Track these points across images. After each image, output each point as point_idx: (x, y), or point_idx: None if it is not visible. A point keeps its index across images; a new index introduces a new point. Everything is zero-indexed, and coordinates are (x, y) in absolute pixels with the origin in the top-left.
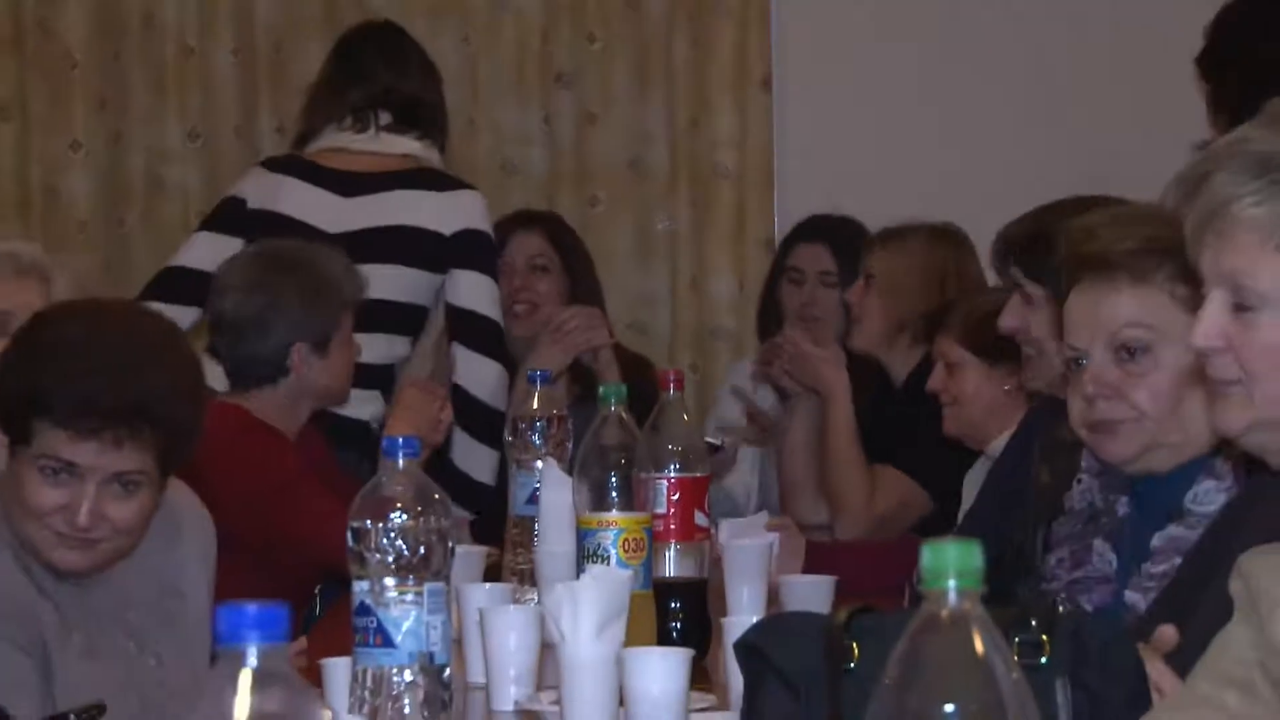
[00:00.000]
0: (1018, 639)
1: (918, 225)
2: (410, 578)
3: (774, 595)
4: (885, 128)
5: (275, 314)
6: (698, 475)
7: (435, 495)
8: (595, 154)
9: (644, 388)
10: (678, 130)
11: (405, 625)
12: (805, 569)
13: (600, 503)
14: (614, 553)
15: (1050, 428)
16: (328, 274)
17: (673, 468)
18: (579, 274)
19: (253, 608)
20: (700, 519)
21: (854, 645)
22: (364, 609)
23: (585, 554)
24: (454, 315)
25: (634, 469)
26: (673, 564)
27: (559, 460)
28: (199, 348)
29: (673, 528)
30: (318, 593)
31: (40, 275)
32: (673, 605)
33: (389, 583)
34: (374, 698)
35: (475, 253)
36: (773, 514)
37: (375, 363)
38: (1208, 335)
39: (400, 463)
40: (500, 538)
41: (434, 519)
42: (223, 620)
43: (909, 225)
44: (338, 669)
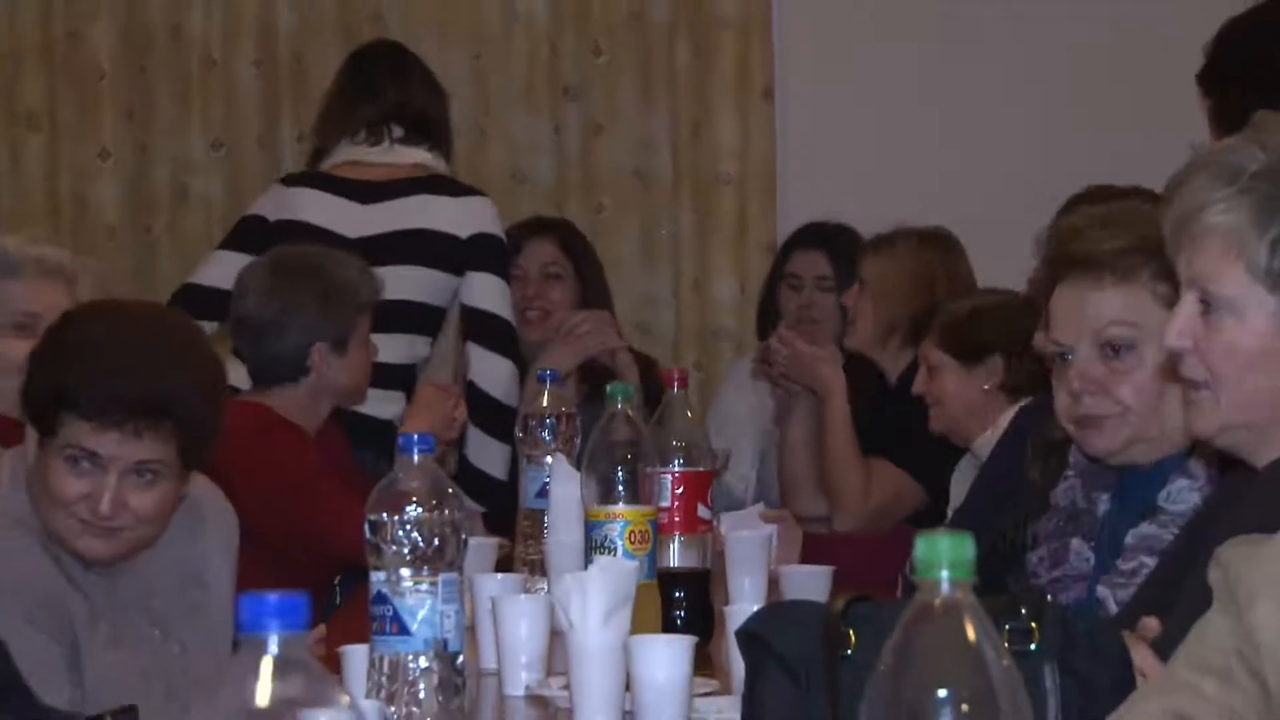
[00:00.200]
0: (1008, 627)
1: (907, 231)
2: (425, 568)
3: (774, 584)
4: (884, 136)
5: (292, 316)
6: (701, 470)
7: (449, 489)
8: (602, 162)
9: (649, 386)
10: (681, 139)
11: (420, 614)
12: (804, 559)
13: (607, 496)
14: (620, 544)
15: (1043, 426)
16: (343, 277)
17: (677, 462)
18: (590, 280)
19: (273, 597)
20: (703, 512)
21: (851, 633)
22: (381, 598)
23: (593, 545)
24: (468, 315)
25: (639, 464)
26: (677, 555)
27: (568, 456)
28: (225, 350)
29: (677, 520)
30: (337, 583)
31: (66, 278)
32: (677, 594)
33: (405, 573)
34: (390, 683)
35: (489, 255)
36: (771, 508)
37: (397, 362)
38: (1179, 335)
39: (416, 458)
40: (512, 530)
41: (448, 512)
42: (244, 609)
43: (899, 231)
44: (356, 656)
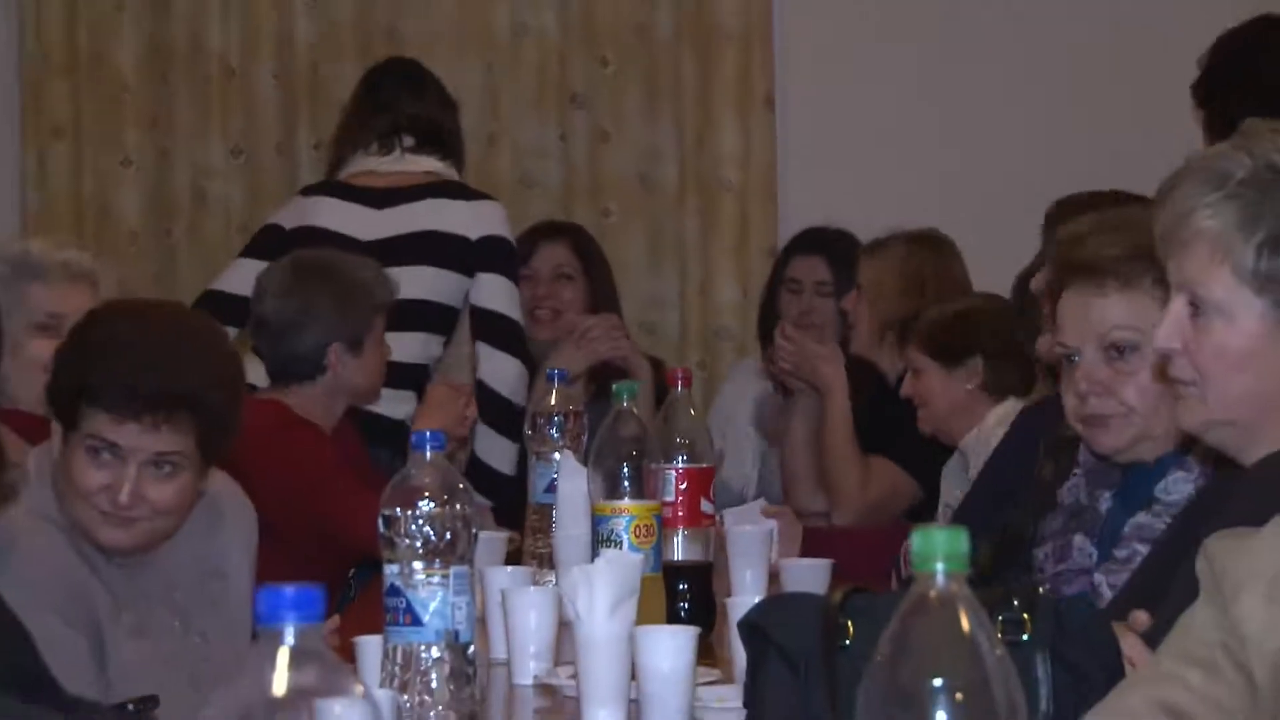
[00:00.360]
0: (1001, 618)
1: (900, 234)
2: (437, 561)
3: (774, 577)
4: (882, 143)
5: (310, 317)
6: (704, 466)
7: (460, 485)
8: (608, 169)
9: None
10: (685, 147)
11: (432, 605)
12: (803, 553)
13: (613, 491)
14: (626, 538)
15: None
16: (359, 279)
17: (681, 459)
18: (600, 282)
19: (290, 590)
20: (706, 506)
21: (849, 624)
22: (394, 590)
23: (599, 539)
24: (478, 315)
25: (644, 460)
26: (680, 548)
27: (575, 452)
28: (244, 349)
29: (680, 514)
30: (352, 576)
31: (90, 280)
32: (681, 586)
33: (417, 566)
34: (403, 673)
35: (498, 257)
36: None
37: (411, 361)
38: (1168, 337)
39: (428, 455)
40: (521, 524)
41: (459, 507)
42: (262, 601)
43: (893, 234)
44: (370, 646)
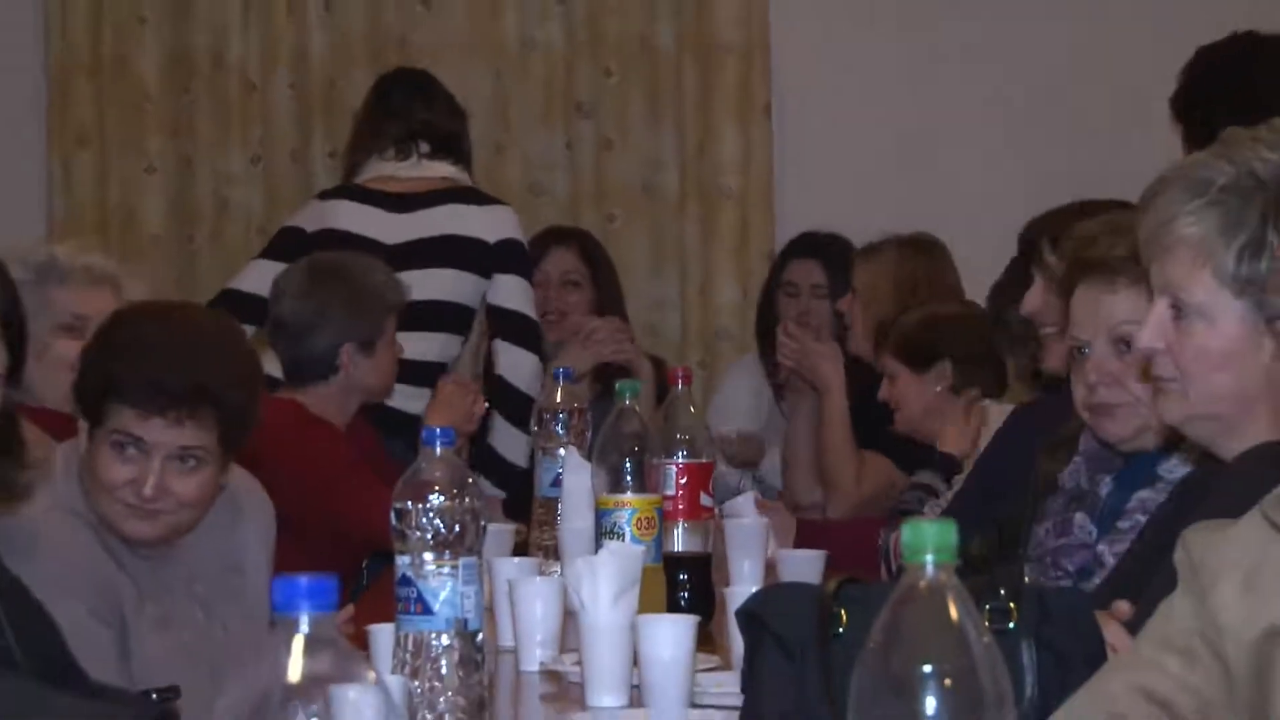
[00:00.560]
0: (988, 607)
1: (893, 238)
2: (447, 552)
3: (771, 568)
4: (876, 152)
5: (324, 319)
6: (703, 461)
7: (469, 479)
8: (613, 176)
9: (657, 383)
10: (686, 154)
11: (442, 595)
12: (798, 544)
13: (616, 485)
14: (628, 530)
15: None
16: (371, 282)
17: (681, 454)
18: (606, 287)
19: (305, 580)
20: (705, 500)
21: (842, 612)
22: (405, 580)
23: (603, 531)
24: (496, 314)
25: (646, 455)
26: (681, 540)
27: (579, 448)
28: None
29: (680, 508)
30: (365, 566)
31: (113, 283)
32: (681, 577)
33: (428, 557)
34: (414, 660)
35: (514, 259)
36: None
37: (429, 360)
38: (1152, 338)
39: (438, 450)
40: (528, 517)
41: (468, 500)
42: (278, 591)
43: (886, 239)
44: (382, 634)
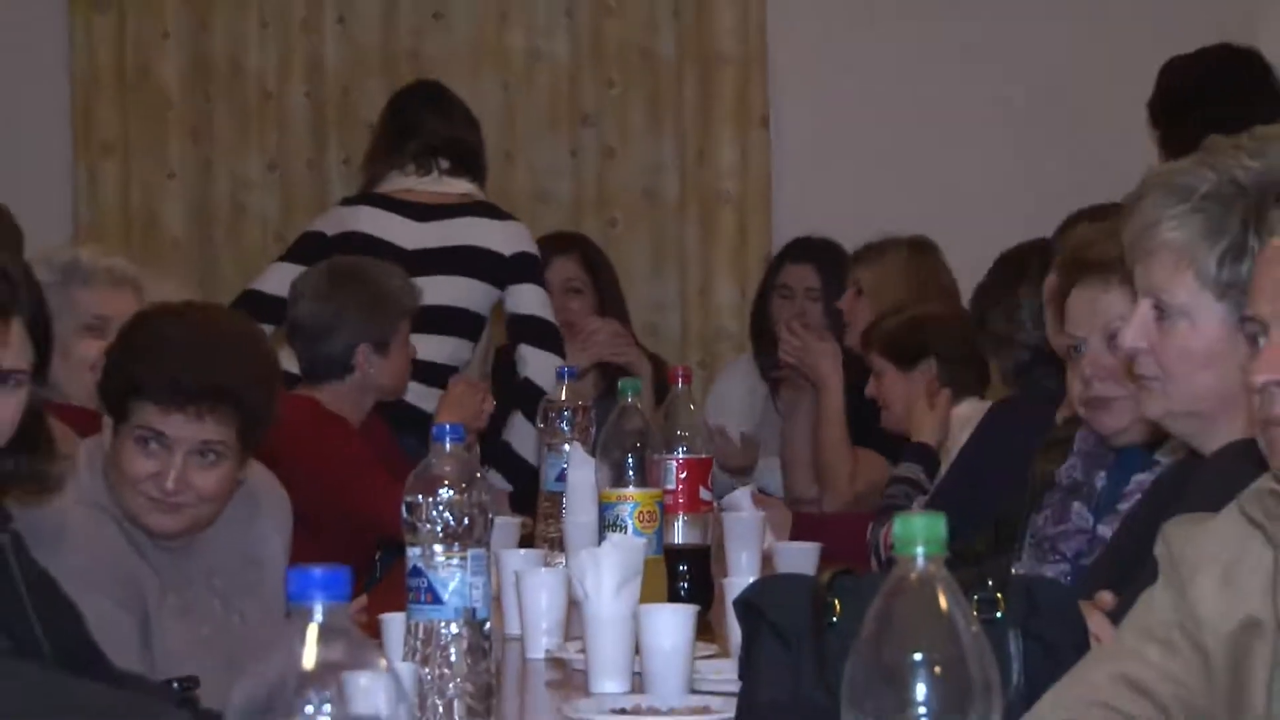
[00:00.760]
0: (976, 597)
1: (894, 240)
2: (456, 544)
3: (768, 560)
4: (870, 159)
5: (341, 320)
6: (703, 456)
7: (478, 474)
8: (615, 183)
9: (658, 382)
10: (686, 161)
11: (452, 585)
12: (794, 537)
13: (619, 480)
14: (630, 523)
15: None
16: (387, 286)
17: (681, 450)
18: (607, 292)
19: (319, 571)
20: (704, 494)
21: (836, 603)
22: (416, 571)
23: (606, 524)
24: (518, 321)
25: (648, 451)
26: (681, 533)
27: (583, 444)
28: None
29: (681, 501)
30: (377, 558)
31: (134, 285)
32: (681, 568)
33: (438, 549)
34: (425, 647)
35: (530, 270)
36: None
37: (442, 362)
38: (1136, 337)
39: (448, 446)
40: (534, 510)
41: (476, 494)
42: (293, 582)
43: (886, 240)
44: (394, 623)
